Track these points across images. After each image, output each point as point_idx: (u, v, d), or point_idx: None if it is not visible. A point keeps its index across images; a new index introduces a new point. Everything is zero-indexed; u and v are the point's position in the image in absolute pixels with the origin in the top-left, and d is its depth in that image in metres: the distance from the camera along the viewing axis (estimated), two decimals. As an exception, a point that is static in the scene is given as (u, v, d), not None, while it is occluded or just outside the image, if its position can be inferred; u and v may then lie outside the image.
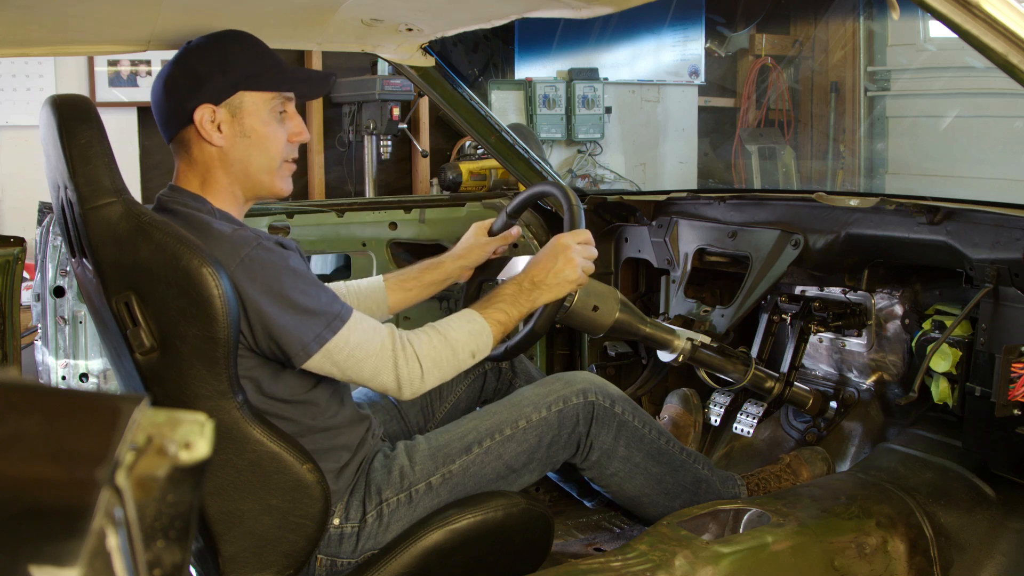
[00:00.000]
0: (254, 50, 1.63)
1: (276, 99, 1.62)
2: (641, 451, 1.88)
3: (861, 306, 2.20)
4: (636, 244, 2.68)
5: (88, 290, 1.59)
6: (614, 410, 1.84)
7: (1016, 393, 1.66)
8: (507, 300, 1.72)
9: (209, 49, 1.61)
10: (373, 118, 4.35)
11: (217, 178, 1.61)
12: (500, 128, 2.61)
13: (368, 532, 1.65)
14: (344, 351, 1.53)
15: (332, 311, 1.53)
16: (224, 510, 1.51)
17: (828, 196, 2.08)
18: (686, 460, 1.96)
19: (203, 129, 1.57)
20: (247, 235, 1.53)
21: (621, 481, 1.89)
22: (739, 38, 6.02)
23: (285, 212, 2.52)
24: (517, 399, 1.81)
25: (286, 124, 1.64)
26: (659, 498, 1.93)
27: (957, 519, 1.77)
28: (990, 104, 5.29)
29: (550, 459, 1.80)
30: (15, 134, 3.99)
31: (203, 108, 1.57)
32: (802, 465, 2.14)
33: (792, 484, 2.09)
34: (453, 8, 2.01)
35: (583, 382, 1.83)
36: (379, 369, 1.56)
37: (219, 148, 1.59)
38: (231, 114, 1.58)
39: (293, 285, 1.51)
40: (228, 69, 1.58)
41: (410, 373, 1.57)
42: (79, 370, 2.42)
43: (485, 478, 1.73)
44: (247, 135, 1.59)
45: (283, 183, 1.65)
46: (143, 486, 0.48)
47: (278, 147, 1.62)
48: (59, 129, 1.43)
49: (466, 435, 1.74)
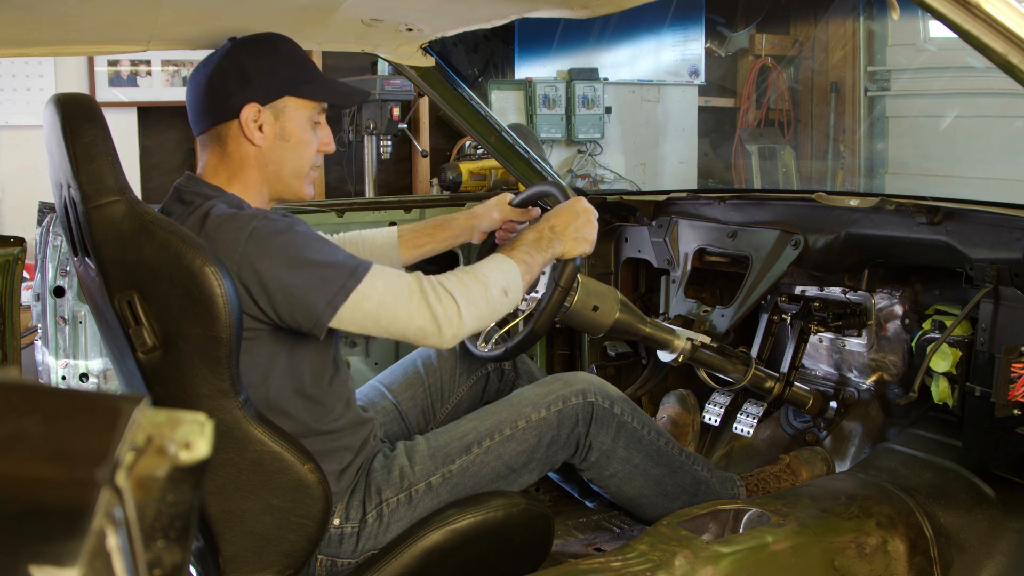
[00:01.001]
0: (301, 57, 1.67)
1: (315, 108, 1.65)
2: (640, 452, 1.88)
3: (861, 306, 2.20)
4: (636, 244, 2.68)
5: (90, 289, 1.59)
6: (613, 411, 1.83)
7: (1016, 393, 1.66)
8: (529, 244, 1.71)
9: (261, 49, 1.63)
10: (373, 118, 4.35)
11: (248, 175, 1.63)
12: (500, 128, 2.61)
13: (368, 532, 1.65)
14: (373, 299, 1.49)
15: (352, 263, 1.51)
16: (225, 510, 1.51)
17: (828, 196, 2.08)
18: (685, 461, 1.96)
19: (247, 127, 1.59)
20: (251, 211, 1.54)
21: (620, 482, 1.89)
22: (739, 38, 6.02)
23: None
24: (516, 399, 1.81)
25: (318, 133, 1.68)
26: (658, 499, 1.93)
27: (957, 519, 1.77)
28: (990, 104, 5.29)
29: (549, 459, 1.80)
30: (15, 134, 3.99)
31: (250, 107, 1.59)
32: (801, 465, 2.14)
33: (792, 484, 2.09)
34: (453, 8, 2.01)
35: (582, 382, 1.83)
36: (413, 312, 1.51)
37: (257, 148, 1.61)
38: (274, 116, 1.61)
39: (306, 244, 1.51)
40: (278, 72, 1.61)
41: (446, 311, 1.52)
42: (79, 370, 2.42)
43: (485, 478, 1.73)
44: (286, 139, 1.62)
45: (308, 188, 1.69)
46: (143, 486, 0.48)
47: (310, 153, 1.66)
48: (63, 128, 1.43)
49: (466, 435, 1.74)
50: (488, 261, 1.65)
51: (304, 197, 1.70)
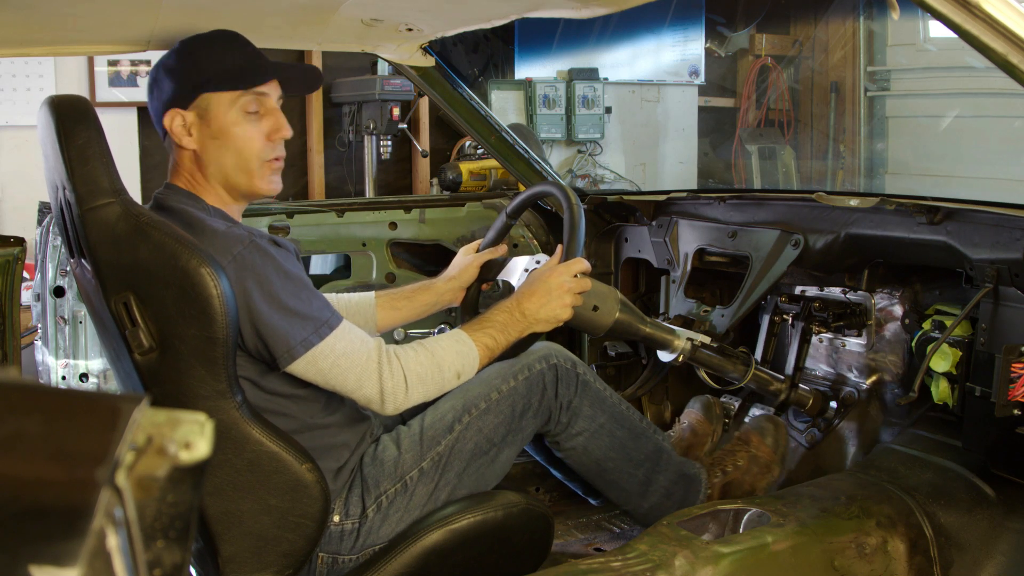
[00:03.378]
0: (222, 49, 1.61)
1: (245, 97, 1.59)
2: (604, 413, 1.89)
3: (861, 306, 2.20)
4: (636, 244, 2.68)
5: (87, 290, 1.59)
6: (576, 371, 1.86)
7: (1016, 393, 1.66)
8: (497, 327, 1.72)
9: (176, 54, 1.62)
10: (373, 118, 4.35)
11: (199, 180, 1.62)
12: (500, 128, 2.61)
13: (368, 527, 1.65)
14: (329, 358, 1.53)
15: (322, 317, 1.53)
16: (223, 510, 1.51)
17: (828, 196, 2.08)
18: (646, 429, 1.97)
19: (175, 133, 1.60)
20: (240, 233, 1.53)
21: (586, 442, 1.89)
22: (739, 38, 6.02)
23: (285, 212, 2.52)
24: (485, 375, 1.80)
25: (262, 122, 1.61)
26: (623, 464, 1.93)
27: (957, 519, 1.77)
28: (990, 104, 5.29)
29: (525, 429, 1.82)
30: (15, 134, 3.99)
31: (171, 113, 1.59)
32: (750, 433, 2.17)
33: (746, 454, 2.12)
34: (453, 8, 2.01)
35: (544, 349, 1.86)
36: (363, 380, 1.55)
37: (193, 151, 1.60)
38: (199, 116, 1.59)
39: (284, 287, 1.51)
40: (189, 73, 1.59)
41: (395, 387, 1.57)
42: (79, 370, 2.42)
43: (469, 454, 1.74)
44: (216, 137, 1.59)
45: (264, 183, 1.63)
46: (143, 486, 0.48)
47: (252, 147, 1.60)
48: (57, 130, 1.43)
49: (445, 415, 1.75)
50: (452, 341, 1.67)
51: (264, 193, 1.64)
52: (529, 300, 1.75)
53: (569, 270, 1.78)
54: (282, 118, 1.64)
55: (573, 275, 1.78)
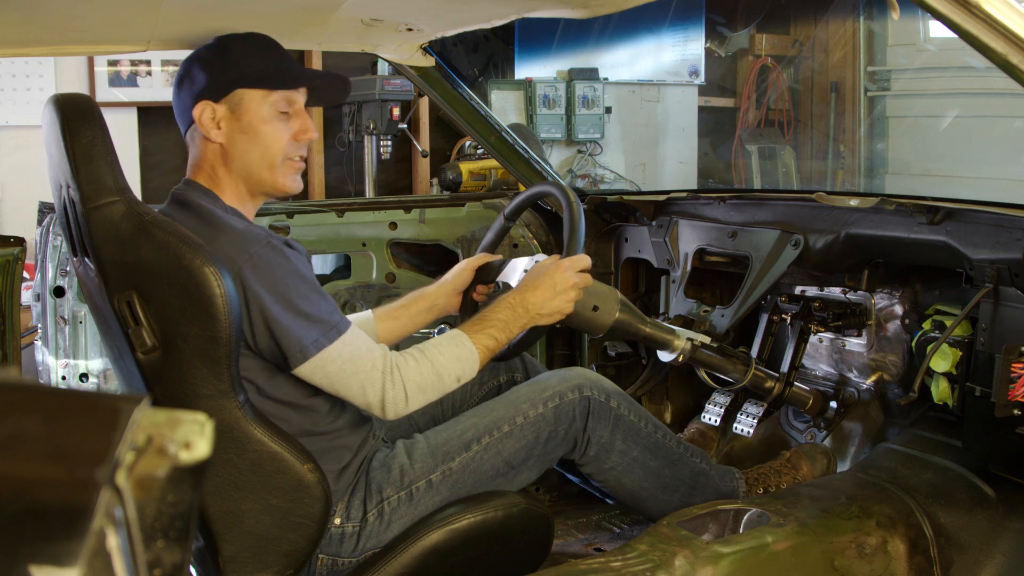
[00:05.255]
0: (258, 49, 1.65)
1: (278, 97, 1.63)
2: (638, 445, 1.88)
3: (861, 306, 2.20)
4: (636, 244, 2.68)
5: (90, 289, 1.59)
6: (609, 404, 1.84)
7: (1016, 393, 1.66)
8: (498, 326, 1.72)
9: (212, 49, 1.65)
10: (373, 118, 4.35)
11: (221, 175, 1.63)
12: (500, 128, 2.61)
13: (369, 531, 1.65)
14: (337, 363, 1.54)
15: (332, 321, 1.55)
16: (224, 510, 1.51)
17: (828, 196, 2.08)
18: (683, 454, 1.96)
19: (203, 125, 1.61)
20: (258, 233, 1.55)
21: (619, 475, 1.89)
22: (739, 38, 6.02)
23: (285, 212, 2.52)
24: (513, 396, 1.81)
25: (290, 122, 1.65)
26: (658, 492, 1.93)
27: (957, 519, 1.77)
28: (990, 104, 5.29)
29: (548, 455, 1.81)
30: (15, 134, 3.98)
31: (202, 104, 1.60)
32: (802, 459, 2.13)
33: (792, 479, 2.09)
34: (453, 8, 2.01)
35: (578, 378, 1.84)
36: (366, 387, 1.56)
37: (220, 144, 1.62)
38: (230, 111, 1.61)
39: (297, 289, 1.53)
40: (227, 67, 1.61)
41: (395, 396, 1.58)
42: (79, 370, 2.42)
43: (485, 475, 1.73)
44: (245, 131, 1.61)
45: (287, 180, 1.66)
46: (143, 486, 0.48)
47: (278, 144, 1.63)
48: (62, 128, 1.43)
49: (465, 432, 1.75)
50: (452, 346, 1.66)
51: (286, 190, 1.66)
52: (533, 293, 1.76)
53: (574, 265, 1.79)
54: (309, 121, 1.69)
55: (577, 271, 1.79)
